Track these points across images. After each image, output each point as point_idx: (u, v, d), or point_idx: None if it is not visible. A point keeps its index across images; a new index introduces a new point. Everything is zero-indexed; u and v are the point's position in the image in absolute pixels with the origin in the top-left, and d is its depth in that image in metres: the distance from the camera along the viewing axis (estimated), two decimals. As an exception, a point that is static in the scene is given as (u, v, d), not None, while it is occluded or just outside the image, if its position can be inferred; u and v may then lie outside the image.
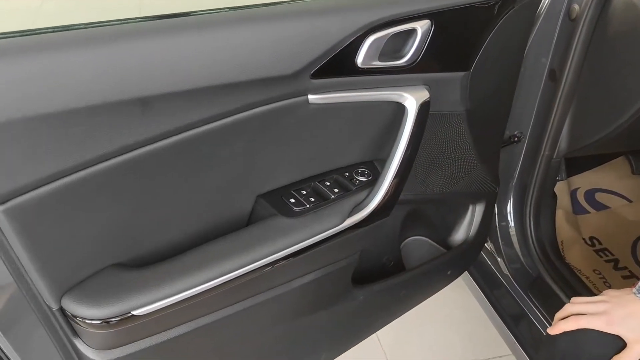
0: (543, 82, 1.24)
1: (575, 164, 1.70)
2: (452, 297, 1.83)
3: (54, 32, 0.61)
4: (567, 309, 0.89)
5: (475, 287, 1.56)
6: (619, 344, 0.81)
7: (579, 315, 0.86)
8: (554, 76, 1.22)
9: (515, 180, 1.41)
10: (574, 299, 0.91)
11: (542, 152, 1.33)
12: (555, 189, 1.56)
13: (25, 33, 0.60)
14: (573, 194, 1.69)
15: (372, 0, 0.82)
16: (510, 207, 1.44)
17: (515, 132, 1.35)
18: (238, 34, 0.71)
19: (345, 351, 1.20)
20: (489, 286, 1.51)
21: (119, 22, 0.65)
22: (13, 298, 0.70)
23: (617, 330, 0.83)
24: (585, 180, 1.70)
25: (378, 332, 1.33)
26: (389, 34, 0.81)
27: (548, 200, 1.43)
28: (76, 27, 0.63)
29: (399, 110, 0.90)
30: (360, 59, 0.80)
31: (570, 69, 1.18)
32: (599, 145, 1.29)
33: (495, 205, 1.43)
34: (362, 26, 0.78)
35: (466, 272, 1.57)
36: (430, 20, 0.84)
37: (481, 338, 1.73)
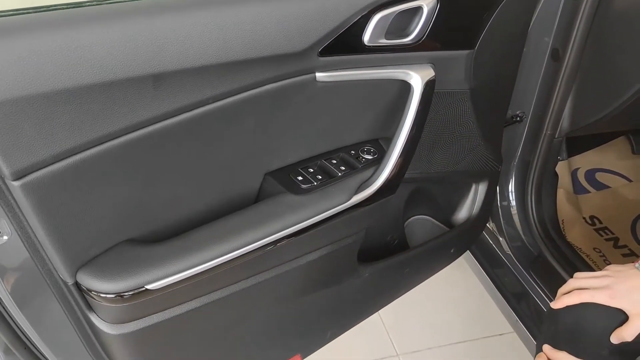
0: (546, 61, 1.25)
1: (576, 144, 1.71)
2: (454, 276, 1.85)
3: (67, 8, 0.62)
4: (571, 283, 0.91)
5: (477, 266, 1.58)
6: (622, 317, 0.82)
7: (582, 289, 0.88)
8: (557, 55, 1.22)
9: (517, 160, 1.42)
10: (577, 274, 0.92)
11: (544, 131, 1.34)
12: (557, 169, 1.58)
13: (39, 9, 0.61)
14: (574, 173, 1.70)
15: (379, -23, 0.83)
16: (512, 187, 1.45)
17: (518, 112, 1.36)
18: (247, 11, 0.72)
19: (350, 328, 1.21)
20: (490, 265, 1.53)
21: (129, -1, 0.66)
22: (29, 273, 0.71)
23: (619, 303, 0.84)
24: (585, 160, 1.71)
25: (380, 311, 1.35)
26: (395, 11, 0.81)
27: (549, 179, 1.44)
28: (89, 3, 0.64)
29: (405, 88, 0.91)
30: (367, 37, 0.81)
31: (573, 48, 1.19)
32: (600, 124, 1.30)
33: (497, 185, 1.44)
34: (369, 3, 0.78)
35: (468, 251, 1.59)
36: None
37: (483, 316, 1.75)
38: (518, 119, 1.36)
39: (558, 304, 0.88)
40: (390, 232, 1.21)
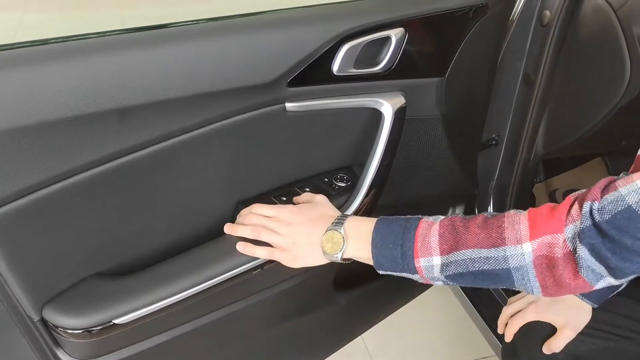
0: (518, 86, 1.27)
1: (554, 166, 1.73)
2: (438, 301, 1.85)
3: (32, 46, 0.62)
4: (504, 312, 0.95)
5: (457, 290, 1.57)
6: (549, 329, 0.87)
7: (516, 314, 0.91)
8: (529, 80, 1.24)
9: (494, 182, 1.43)
10: (509, 300, 0.96)
11: (519, 154, 1.36)
12: (535, 191, 1.59)
13: (3, 47, 0.61)
14: (552, 195, 1.72)
15: (346, 9, 0.85)
16: (490, 209, 1.47)
17: (493, 135, 1.38)
18: (215, 44, 0.73)
19: (328, 356, 1.20)
20: (471, 288, 1.53)
21: (96, 35, 0.66)
22: (-6, 310, 0.70)
23: (546, 316, 0.88)
24: (563, 182, 1.73)
25: (363, 335, 1.34)
26: (363, 42, 0.82)
27: (527, 201, 1.46)
28: (54, 40, 0.64)
29: (376, 116, 0.91)
30: (335, 67, 0.82)
31: (544, 73, 1.21)
32: (574, 146, 1.32)
33: (476, 207, 1.45)
34: (336, 35, 0.79)
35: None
36: (404, 28, 0.86)
37: (467, 340, 1.75)
38: (494, 142, 1.38)
39: (507, 338, 0.93)
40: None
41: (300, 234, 0.77)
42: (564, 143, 1.31)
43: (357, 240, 0.74)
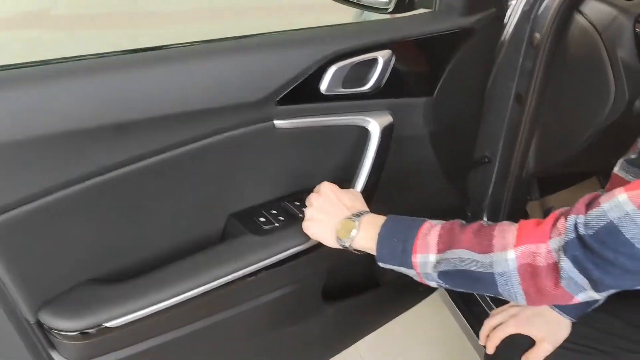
0: (510, 105, 1.30)
1: (549, 185, 1.75)
2: (438, 315, 1.87)
3: (33, 66, 0.67)
4: (486, 324, 0.97)
5: (452, 305, 1.59)
6: (529, 343, 0.90)
7: (498, 326, 0.94)
8: (520, 100, 1.28)
9: (488, 200, 1.46)
10: (492, 312, 0.98)
11: (511, 172, 1.38)
12: (530, 209, 1.61)
13: (4, 68, 0.66)
14: (546, 213, 1.73)
15: (334, 32, 0.89)
16: None
17: (486, 153, 1.41)
18: (208, 64, 0.77)
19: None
20: (464, 302, 1.54)
21: (93, 56, 0.71)
22: (-9, 312, 0.74)
23: (525, 330, 0.91)
24: (558, 200, 1.75)
25: (361, 353, 1.36)
26: (350, 63, 0.86)
27: (519, 218, 1.48)
28: (55, 61, 0.69)
29: (364, 134, 0.95)
30: (324, 87, 0.86)
31: (534, 92, 1.24)
32: (566, 164, 1.35)
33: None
34: (324, 56, 0.83)
35: (445, 290, 1.61)
36: (391, 49, 0.90)
37: (459, 354, 1.76)
38: (486, 160, 1.41)
39: (489, 350, 0.95)
40: (359, 270, 1.23)
41: (327, 214, 0.84)
42: (553, 161, 1.33)
43: (366, 232, 0.80)
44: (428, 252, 0.75)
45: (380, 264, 0.80)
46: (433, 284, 0.77)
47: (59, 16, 2.99)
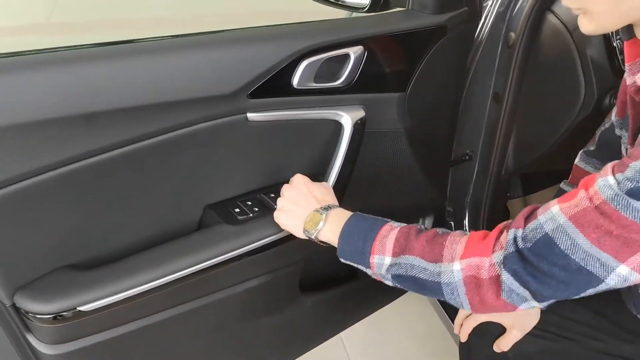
0: (489, 103, 1.33)
1: (532, 183, 1.77)
2: (416, 309, 1.89)
3: (5, 57, 0.70)
4: (459, 314, 1.00)
5: (434, 300, 1.61)
6: (499, 330, 0.92)
7: (470, 315, 0.96)
8: (498, 98, 1.30)
9: (469, 197, 1.48)
10: None
11: (491, 169, 1.41)
12: (513, 207, 1.64)
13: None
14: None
15: (306, 28, 0.92)
16: (466, 222, 1.51)
17: (467, 151, 1.43)
18: (179, 57, 0.80)
19: (295, 358, 1.25)
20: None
21: (65, 48, 0.74)
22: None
23: (496, 318, 0.93)
24: (540, 198, 1.77)
25: (347, 349, 1.37)
26: (322, 58, 0.89)
27: (500, 215, 1.51)
28: (27, 52, 0.72)
29: (337, 128, 0.98)
30: (295, 81, 0.89)
31: (511, 91, 1.27)
32: (542, 161, 1.37)
33: (453, 221, 1.50)
34: (295, 51, 0.86)
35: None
36: (363, 46, 0.93)
37: (443, 348, 1.77)
38: (467, 157, 1.43)
39: (462, 338, 0.98)
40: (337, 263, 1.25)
41: (297, 205, 0.87)
42: (531, 158, 1.36)
43: (332, 226, 0.83)
44: (384, 255, 0.77)
45: (342, 259, 0.82)
46: (389, 284, 0.80)
47: (58, 23, 3.05)
